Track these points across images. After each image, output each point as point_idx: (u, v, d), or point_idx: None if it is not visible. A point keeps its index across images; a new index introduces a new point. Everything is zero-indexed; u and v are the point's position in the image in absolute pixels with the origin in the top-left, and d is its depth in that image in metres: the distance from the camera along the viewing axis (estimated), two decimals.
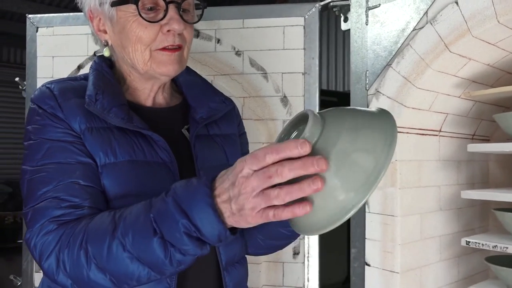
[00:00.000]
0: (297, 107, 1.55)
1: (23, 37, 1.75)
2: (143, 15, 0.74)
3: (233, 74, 1.58)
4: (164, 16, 0.75)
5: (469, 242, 1.27)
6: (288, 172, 0.50)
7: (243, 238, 0.88)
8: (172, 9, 0.75)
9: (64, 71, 1.68)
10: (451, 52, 1.19)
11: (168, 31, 0.75)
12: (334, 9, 1.53)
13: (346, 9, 1.50)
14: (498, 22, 1.08)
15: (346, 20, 1.52)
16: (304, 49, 1.55)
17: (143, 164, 0.76)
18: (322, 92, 1.58)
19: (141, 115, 0.81)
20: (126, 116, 0.77)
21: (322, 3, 1.55)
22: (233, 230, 0.59)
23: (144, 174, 0.75)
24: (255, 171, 0.52)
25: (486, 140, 1.70)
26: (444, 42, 1.19)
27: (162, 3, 0.75)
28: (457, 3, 1.17)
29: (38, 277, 1.69)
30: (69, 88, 0.79)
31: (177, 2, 0.75)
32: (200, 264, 0.78)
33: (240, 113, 1.01)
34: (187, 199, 0.57)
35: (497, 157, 1.69)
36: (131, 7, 0.75)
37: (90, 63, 1.68)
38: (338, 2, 1.51)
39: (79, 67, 1.67)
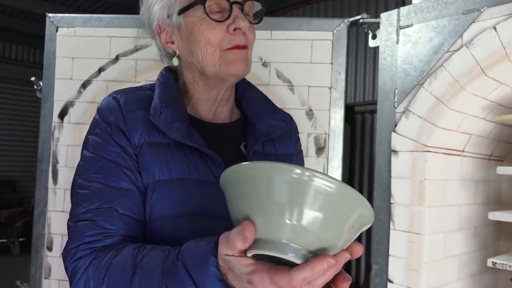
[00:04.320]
0: (323, 121, 1.55)
1: (35, 36, 1.71)
2: (210, 15, 0.75)
3: (259, 85, 1.56)
4: (229, 16, 0.76)
5: (495, 263, 1.29)
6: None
7: None
8: (236, 9, 0.76)
9: (84, 73, 1.64)
10: (487, 76, 1.22)
11: (234, 30, 0.76)
12: (363, 26, 1.54)
13: (375, 26, 1.52)
14: None
15: (374, 37, 1.53)
16: (332, 63, 1.56)
17: (196, 183, 0.75)
18: None
19: (201, 130, 0.80)
20: (186, 131, 0.76)
21: (351, 19, 1.56)
22: None
23: (197, 193, 0.74)
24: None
25: (500, 161, 1.73)
26: (481, 66, 1.22)
27: (226, 4, 0.76)
28: (495, 28, 1.19)
29: (46, 284, 1.64)
30: (135, 99, 0.79)
31: (240, 3, 0.77)
32: None
33: None
34: (195, 267, 0.58)
35: (510, 178, 1.73)
36: (198, 11, 0.76)
37: (111, 67, 1.66)
38: (367, 19, 1.53)
39: (100, 70, 1.64)
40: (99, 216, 0.70)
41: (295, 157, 0.91)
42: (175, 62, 0.82)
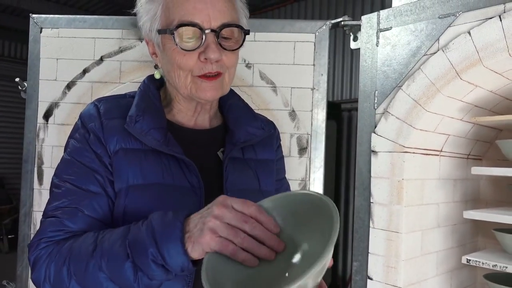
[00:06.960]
0: (305, 122, 1.58)
1: (22, 32, 1.70)
2: (181, 44, 0.76)
3: (242, 86, 1.60)
4: (201, 44, 0.76)
5: (469, 260, 1.33)
6: (259, 232, 0.61)
7: None
8: (209, 37, 0.76)
9: (68, 74, 1.65)
10: (461, 79, 1.25)
11: (205, 59, 0.76)
12: (345, 28, 1.57)
13: (356, 28, 1.55)
14: (510, 55, 1.14)
15: (355, 39, 1.56)
16: (314, 65, 1.58)
17: (170, 188, 0.78)
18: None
19: (181, 136, 0.83)
20: (162, 139, 0.79)
21: (333, 21, 1.59)
22: (195, 262, 0.65)
23: (170, 197, 0.77)
24: (233, 208, 0.61)
25: (479, 159, 1.78)
26: (456, 69, 1.25)
27: (199, 32, 0.76)
28: (469, 33, 1.22)
29: (33, 283, 1.65)
30: (115, 108, 0.82)
31: (215, 30, 0.76)
32: None
33: None
34: (161, 229, 0.63)
35: (488, 177, 1.77)
36: (171, 36, 0.77)
37: (96, 68, 1.67)
38: (349, 21, 1.55)
39: (85, 71, 1.65)
40: (64, 215, 0.74)
41: (275, 163, 0.94)
42: (157, 75, 0.86)
